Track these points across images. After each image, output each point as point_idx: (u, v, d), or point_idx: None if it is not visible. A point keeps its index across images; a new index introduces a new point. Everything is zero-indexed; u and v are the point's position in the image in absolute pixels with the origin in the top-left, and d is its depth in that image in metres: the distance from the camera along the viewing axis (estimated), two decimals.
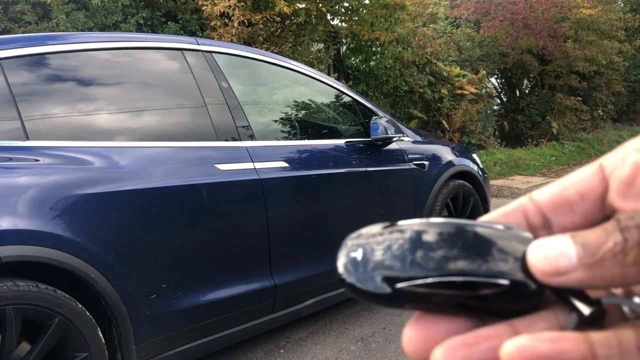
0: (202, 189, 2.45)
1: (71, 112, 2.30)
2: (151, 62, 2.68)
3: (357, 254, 0.31)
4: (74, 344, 2.01)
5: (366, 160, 3.31)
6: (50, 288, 1.94)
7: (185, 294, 2.38)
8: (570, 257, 0.26)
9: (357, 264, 0.31)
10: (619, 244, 0.25)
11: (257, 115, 3.04)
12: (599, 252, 0.25)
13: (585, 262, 0.25)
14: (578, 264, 0.25)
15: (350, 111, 3.67)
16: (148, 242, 2.27)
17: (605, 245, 0.25)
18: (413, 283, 0.28)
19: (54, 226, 1.98)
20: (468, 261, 0.28)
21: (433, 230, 0.29)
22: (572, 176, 0.30)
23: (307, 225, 2.94)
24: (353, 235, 0.32)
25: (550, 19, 11.33)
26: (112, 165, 2.25)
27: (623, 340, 0.25)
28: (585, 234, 0.26)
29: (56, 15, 6.54)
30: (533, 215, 0.30)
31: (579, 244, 0.26)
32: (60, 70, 2.35)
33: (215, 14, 6.74)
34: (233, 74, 2.91)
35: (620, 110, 16.11)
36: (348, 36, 9.02)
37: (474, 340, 0.27)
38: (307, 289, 2.91)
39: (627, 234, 0.25)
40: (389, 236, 0.30)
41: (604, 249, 0.25)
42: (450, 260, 0.28)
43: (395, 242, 0.30)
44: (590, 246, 0.26)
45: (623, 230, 0.25)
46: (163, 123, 2.58)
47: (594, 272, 0.25)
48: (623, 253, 0.25)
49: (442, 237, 0.29)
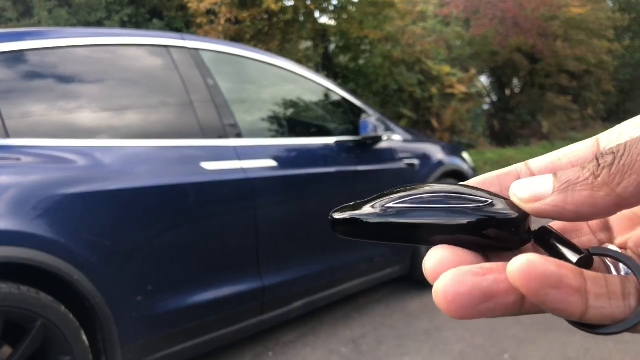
0: (188, 188, 2.41)
1: (54, 109, 2.25)
2: (136, 59, 2.63)
3: (357, 207, 0.33)
4: (58, 347, 1.96)
5: (356, 159, 3.28)
6: (33, 290, 1.90)
7: (172, 296, 2.34)
8: (547, 184, 0.28)
9: (356, 207, 0.32)
10: (592, 170, 0.26)
11: (244, 113, 2.99)
12: (573, 179, 0.27)
13: (558, 188, 0.27)
14: (552, 190, 0.27)
15: (340, 109, 3.64)
16: (133, 242, 2.23)
17: (581, 173, 0.27)
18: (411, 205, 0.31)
19: (36, 227, 1.94)
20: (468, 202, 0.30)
21: (429, 189, 0.31)
22: (568, 148, 0.32)
23: (297, 226, 2.90)
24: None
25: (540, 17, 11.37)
26: (96, 164, 2.20)
27: (610, 283, 0.27)
28: (567, 171, 0.28)
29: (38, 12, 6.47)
30: None
31: (558, 177, 0.28)
32: (43, 67, 2.30)
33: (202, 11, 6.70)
34: (220, 71, 2.86)
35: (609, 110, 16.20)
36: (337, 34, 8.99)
37: (481, 271, 0.28)
38: (297, 290, 2.88)
39: (601, 159, 0.26)
40: (385, 199, 0.32)
41: (577, 174, 0.27)
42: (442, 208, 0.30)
43: (388, 198, 0.32)
44: (568, 176, 0.27)
45: (598, 157, 0.26)
46: (148, 121, 2.53)
47: (566, 196, 0.27)
48: (594, 176, 0.26)
49: (441, 193, 0.31)
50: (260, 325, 2.73)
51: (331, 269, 3.02)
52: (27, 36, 2.29)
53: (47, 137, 2.15)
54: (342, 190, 3.14)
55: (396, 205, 0.31)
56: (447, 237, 0.30)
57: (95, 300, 2.06)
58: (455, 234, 0.30)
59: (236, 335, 2.63)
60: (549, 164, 0.32)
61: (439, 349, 2.80)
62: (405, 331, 3.02)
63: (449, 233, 0.30)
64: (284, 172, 2.80)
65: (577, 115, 13.19)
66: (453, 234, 0.30)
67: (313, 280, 2.95)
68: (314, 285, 2.97)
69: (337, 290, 3.12)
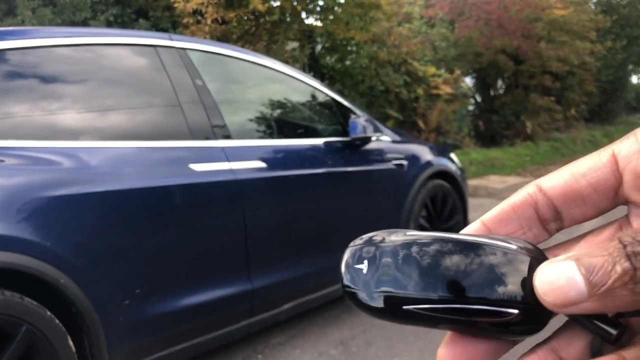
0: (176, 190, 2.38)
1: (40, 110, 2.20)
2: (123, 59, 2.59)
3: (363, 266, 0.30)
4: (43, 353, 1.92)
5: (345, 160, 3.26)
6: (17, 295, 1.86)
7: (160, 300, 2.30)
8: (579, 287, 0.25)
9: (363, 277, 0.30)
10: (628, 272, 0.24)
11: (233, 114, 2.96)
12: (608, 281, 0.24)
13: (595, 292, 0.25)
14: (588, 295, 0.25)
15: (329, 110, 3.62)
16: (120, 245, 2.20)
17: (613, 273, 0.24)
18: (420, 307, 0.29)
19: (21, 230, 1.90)
20: (476, 287, 0.28)
21: (441, 248, 0.29)
22: (583, 165, 0.29)
23: (286, 227, 2.88)
24: (358, 241, 0.32)
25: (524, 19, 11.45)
26: (83, 165, 2.17)
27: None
28: (591, 259, 0.25)
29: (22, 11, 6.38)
30: (543, 207, 0.30)
31: (585, 270, 0.25)
32: (27, 67, 2.25)
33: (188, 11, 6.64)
34: (208, 71, 2.83)
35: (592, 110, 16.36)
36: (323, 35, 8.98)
37: None
38: (286, 293, 2.85)
39: (635, 261, 0.24)
40: (396, 250, 0.30)
41: (613, 278, 0.24)
42: (458, 286, 0.28)
43: (402, 259, 0.29)
44: (598, 275, 0.25)
45: (630, 257, 0.24)
46: (135, 122, 2.49)
47: (606, 302, 0.25)
48: (633, 282, 0.24)
49: (450, 258, 0.28)
50: (250, 328, 2.70)
51: (320, 270, 3.00)
52: (9, 35, 2.24)
53: (31, 138, 2.11)
54: (331, 191, 3.13)
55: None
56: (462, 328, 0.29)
57: (81, 304, 2.02)
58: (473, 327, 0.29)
59: (225, 339, 2.60)
60: (567, 189, 0.29)
61: (429, 349, 2.79)
62: (395, 332, 3.00)
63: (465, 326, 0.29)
64: (273, 174, 2.78)
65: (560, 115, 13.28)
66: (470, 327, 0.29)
67: (302, 282, 2.93)
68: (303, 287, 2.94)
69: (326, 291, 3.10)
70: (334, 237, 3.08)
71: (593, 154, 0.30)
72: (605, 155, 0.29)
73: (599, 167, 0.29)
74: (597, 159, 0.29)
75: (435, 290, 0.28)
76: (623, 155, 0.28)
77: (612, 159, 0.29)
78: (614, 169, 0.28)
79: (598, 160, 0.29)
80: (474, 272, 0.28)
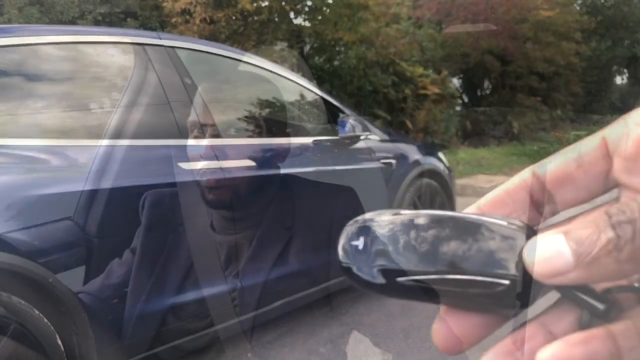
0: (164, 188, 2.37)
1: (26, 108, 2.19)
2: (111, 58, 2.58)
3: (359, 242, 0.31)
4: (31, 353, 1.91)
5: (334, 158, 3.27)
6: (4, 294, 1.85)
7: (150, 298, 2.30)
8: (566, 258, 0.26)
9: (358, 253, 0.31)
10: (612, 241, 0.25)
11: (222, 112, 2.96)
12: (593, 250, 0.25)
13: (581, 262, 0.26)
14: (575, 264, 0.26)
15: (318, 109, 3.62)
16: (109, 244, 2.18)
17: (598, 242, 0.25)
18: (413, 278, 0.29)
19: (9, 229, 1.89)
20: (469, 259, 0.29)
21: (435, 224, 0.30)
22: (574, 150, 0.30)
23: (275, 225, 2.88)
24: (356, 220, 0.33)
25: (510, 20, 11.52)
26: (70, 163, 2.15)
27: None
28: (578, 232, 0.26)
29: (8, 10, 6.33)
30: (537, 191, 0.31)
31: (572, 242, 0.26)
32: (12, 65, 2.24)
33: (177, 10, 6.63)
34: (197, 70, 2.83)
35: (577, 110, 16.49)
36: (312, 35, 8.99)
37: (514, 347, 0.27)
38: (276, 291, 2.85)
39: (619, 230, 0.25)
40: (391, 226, 0.31)
41: (598, 247, 0.25)
42: (452, 258, 0.29)
43: (397, 233, 0.30)
44: (584, 244, 0.25)
45: (615, 227, 0.25)
46: (123, 120, 2.48)
47: (591, 270, 0.26)
48: (617, 250, 0.25)
49: (444, 232, 0.30)
50: (239, 326, 2.70)
51: (310, 268, 3.00)
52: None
53: (17, 136, 2.10)
54: (320, 190, 3.13)
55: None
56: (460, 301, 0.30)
57: (70, 303, 2.01)
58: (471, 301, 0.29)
59: (214, 337, 2.60)
60: (559, 173, 0.30)
61: (418, 347, 2.80)
62: (384, 330, 3.01)
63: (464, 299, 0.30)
64: (262, 172, 2.78)
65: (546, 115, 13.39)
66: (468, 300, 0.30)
67: (292, 280, 2.93)
68: (292, 285, 2.95)
69: (316, 289, 3.10)
70: (322, 235, 3.08)
71: (584, 139, 0.30)
72: (596, 140, 0.30)
73: (589, 151, 0.30)
74: (588, 143, 0.30)
75: (430, 263, 0.29)
76: (612, 139, 0.29)
77: (602, 143, 0.29)
78: (604, 153, 0.29)
79: (589, 145, 0.30)
80: (467, 244, 0.29)
